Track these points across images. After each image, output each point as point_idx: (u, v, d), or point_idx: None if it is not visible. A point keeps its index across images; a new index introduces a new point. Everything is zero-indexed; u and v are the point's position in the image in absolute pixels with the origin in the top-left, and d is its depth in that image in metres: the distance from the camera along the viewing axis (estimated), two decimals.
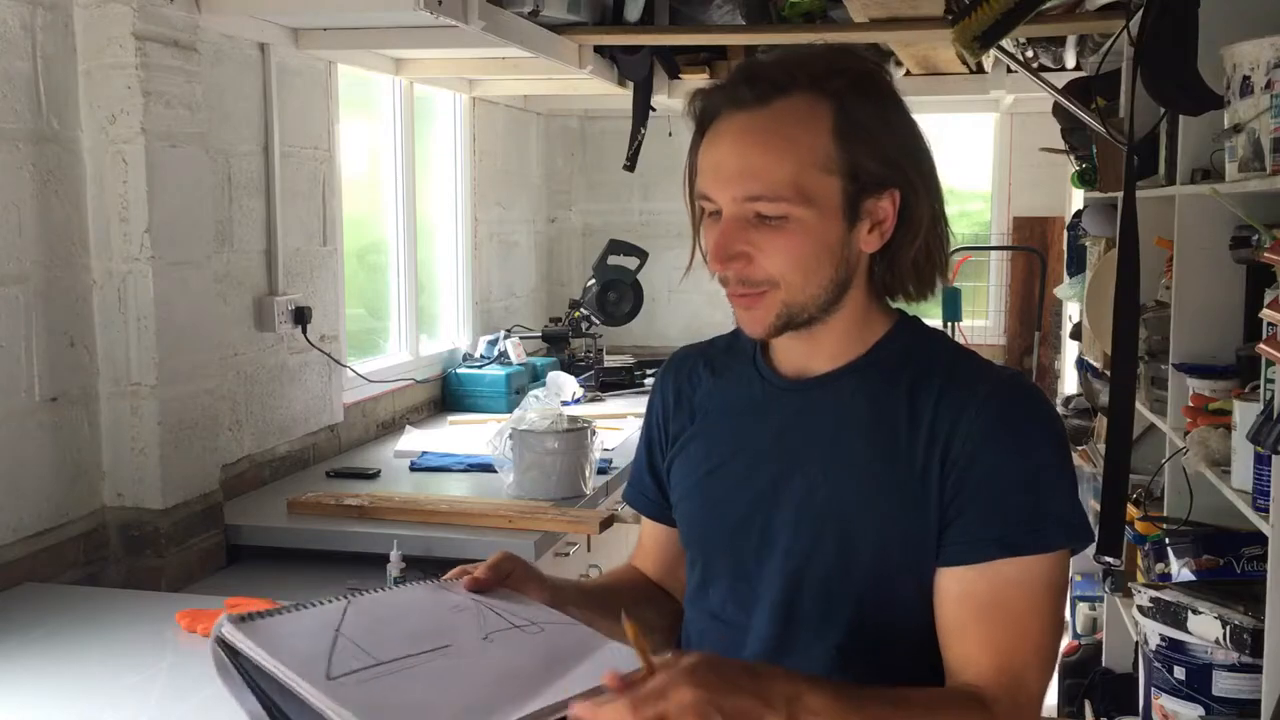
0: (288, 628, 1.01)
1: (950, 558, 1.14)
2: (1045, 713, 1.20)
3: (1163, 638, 2.09)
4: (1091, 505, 2.79)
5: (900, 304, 1.27)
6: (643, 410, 1.45)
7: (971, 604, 1.13)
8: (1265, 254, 1.84)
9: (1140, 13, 2.11)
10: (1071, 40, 3.67)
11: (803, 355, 1.25)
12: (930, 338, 1.26)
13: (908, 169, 1.18)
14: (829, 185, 1.15)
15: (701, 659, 0.94)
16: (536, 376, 4.37)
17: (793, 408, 1.24)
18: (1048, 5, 2.80)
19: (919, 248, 1.20)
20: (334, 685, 0.95)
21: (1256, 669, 1.86)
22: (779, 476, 1.21)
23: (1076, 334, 3.72)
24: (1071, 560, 1.19)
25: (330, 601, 1.05)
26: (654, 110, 4.18)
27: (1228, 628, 1.94)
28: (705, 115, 1.20)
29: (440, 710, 0.95)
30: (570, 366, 4.64)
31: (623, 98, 4.20)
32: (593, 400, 4.34)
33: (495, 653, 1.03)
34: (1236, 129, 1.91)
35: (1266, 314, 1.77)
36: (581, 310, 4.83)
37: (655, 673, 0.93)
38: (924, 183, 1.20)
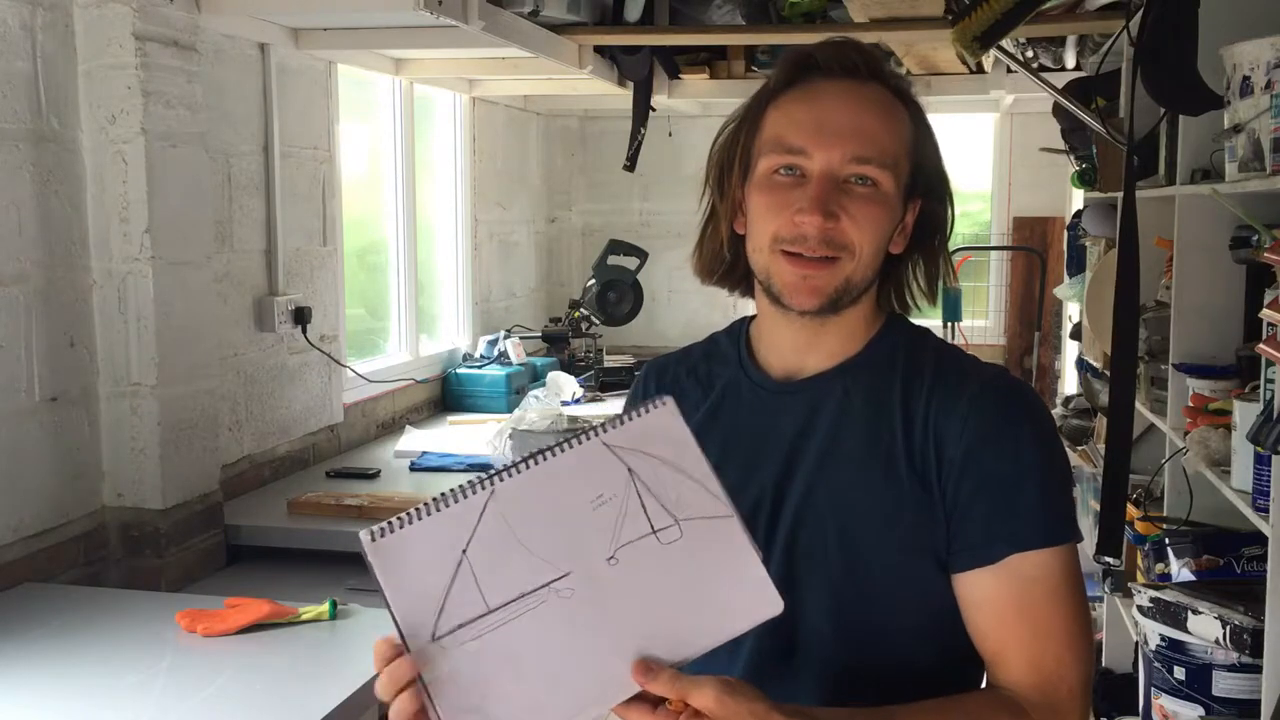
0: (417, 545, 0.98)
1: (965, 562, 1.14)
2: None
3: (1163, 638, 2.09)
4: (1091, 505, 2.79)
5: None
6: None
7: (994, 606, 1.13)
8: (1265, 254, 1.84)
9: (1140, 13, 2.11)
10: (1071, 40, 3.67)
11: (798, 353, 1.24)
12: (918, 335, 1.26)
13: (936, 190, 1.24)
14: (905, 171, 1.19)
15: (727, 691, 0.96)
16: (536, 376, 4.37)
17: (787, 409, 1.23)
18: (1048, 5, 2.80)
19: (925, 265, 1.25)
20: (435, 651, 0.95)
21: (1256, 669, 1.86)
22: (778, 480, 1.21)
23: (1076, 334, 3.72)
24: None
25: (474, 491, 0.99)
26: (654, 110, 4.18)
27: (1228, 628, 1.94)
28: (806, 71, 1.20)
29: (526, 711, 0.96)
30: (570, 366, 4.64)
31: (623, 98, 4.20)
32: (593, 400, 4.34)
33: (615, 587, 0.99)
34: (1236, 129, 1.91)
35: (1266, 314, 1.77)
36: (581, 310, 4.84)
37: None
38: (944, 210, 1.25)
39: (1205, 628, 1.98)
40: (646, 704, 0.96)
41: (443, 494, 1.00)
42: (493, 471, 1.01)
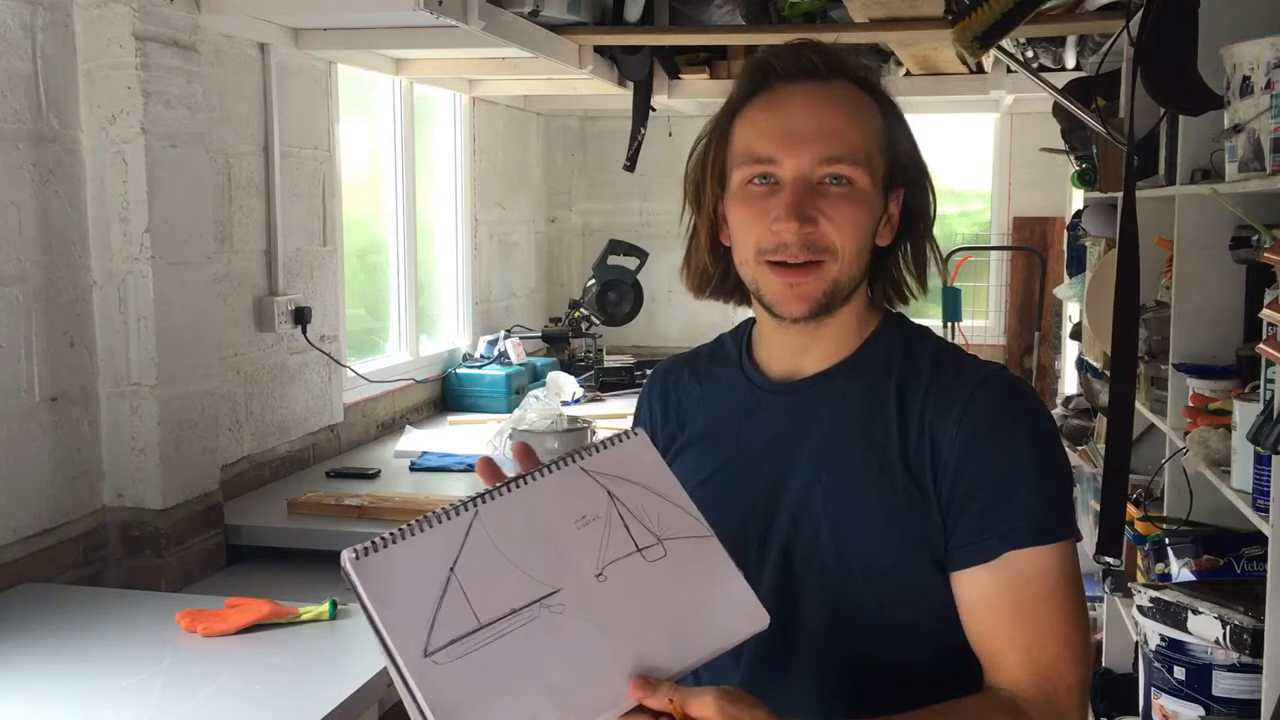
0: (403, 563, 0.97)
1: (960, 561, 1.14)
2: None
3: (1163, 638, 2.09)
4: (1091, 505, 2.79)
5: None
6: None
7: (991, 605, 1.13)
8: (1265, 254, 1.84)
9: (1140, 13, 2.11)
10: (1071, 40, 3.67)
11: (795, 355, 1.24)
12: (917, 334, 1.26)
13: (916, 177, 1.23)
14: (880, 164, 1.19)
15: (727, 700, 0.95)
16: (536, 376, 4.37)
17: (784, 410, 1.24)
18: (1048, 5, 2.80)
19: (913, 253, 1.25)
20: (428, 667, 0.93)
21: (1256, 669, 1.86)
22: (774, 480, 1.21)
23: (1076, 334, 3.72)
24: None
25: (457, 513, 0.99)
26: (654, 110, 4.18)
27: (1228, 628, 1.94)
28: (767, 78, 1.20)
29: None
30: (570, 366, 4.64)
31: (623, 98, 4.20)
32: (593, 400, 4.34)
33: (607, 603, 0.99)
34: (1236, 129, 1.91)
35: (1266, 314, 1.77)
36: (581, 310, 4.84)
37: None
38: (925, 196, 1.25)
39: (1205, 628, 1.98)
40: (646, 716, 0.96)
41: (424, 515, 1.00)
42: (474, 495, 1.01)
